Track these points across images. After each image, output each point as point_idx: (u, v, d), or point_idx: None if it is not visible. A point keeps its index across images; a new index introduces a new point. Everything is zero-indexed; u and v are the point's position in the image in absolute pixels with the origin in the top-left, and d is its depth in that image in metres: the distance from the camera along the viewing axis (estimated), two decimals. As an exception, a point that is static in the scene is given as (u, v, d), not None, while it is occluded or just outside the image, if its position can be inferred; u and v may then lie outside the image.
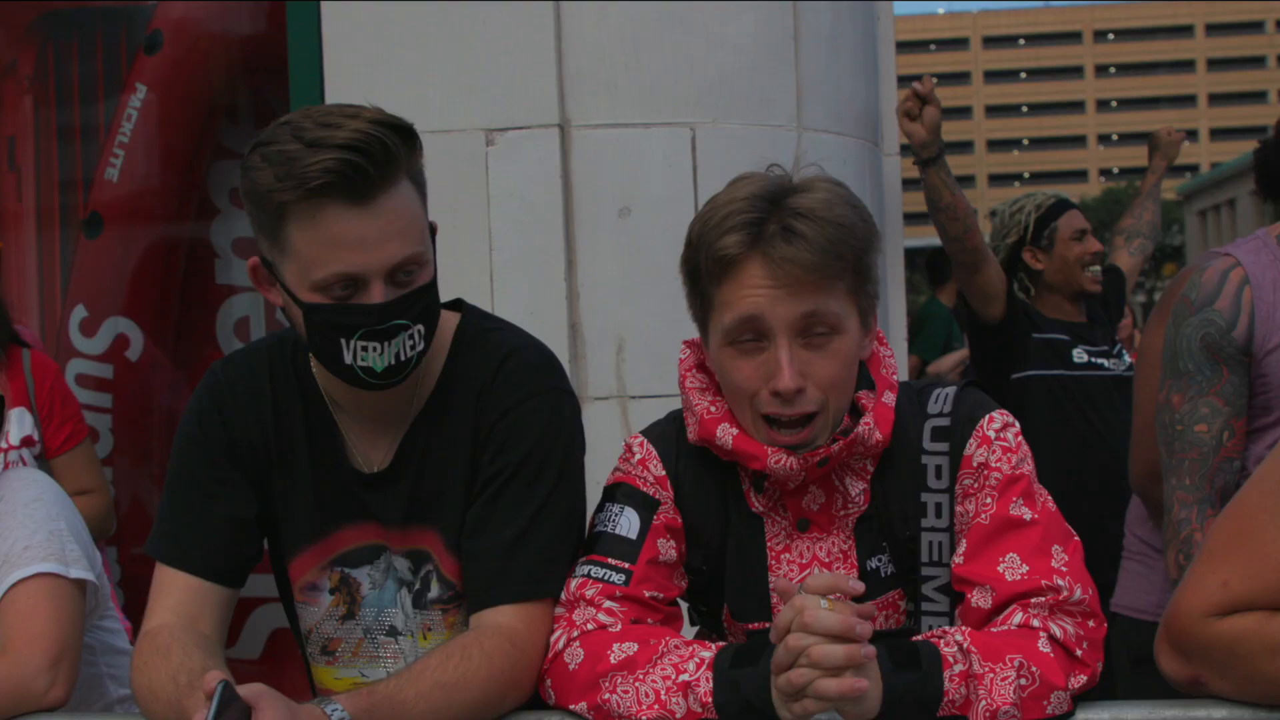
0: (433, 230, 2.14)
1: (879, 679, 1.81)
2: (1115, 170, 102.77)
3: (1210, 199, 64.81)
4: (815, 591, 1.80)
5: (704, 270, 2.04)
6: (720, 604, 2.17)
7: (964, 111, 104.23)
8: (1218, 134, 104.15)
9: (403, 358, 2.07)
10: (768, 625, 2.06)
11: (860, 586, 1.84)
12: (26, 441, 3.49)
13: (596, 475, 2.25)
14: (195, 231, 4.39)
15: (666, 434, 2.20)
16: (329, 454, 2.24)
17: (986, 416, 2.09)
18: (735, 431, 2.07)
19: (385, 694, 1.95)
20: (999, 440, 2.07)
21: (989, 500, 2.04)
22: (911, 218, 5.83)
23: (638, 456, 2.18)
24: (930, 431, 2.10)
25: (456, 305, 2.32)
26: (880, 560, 2.10)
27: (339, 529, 2.24)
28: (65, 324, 4.27)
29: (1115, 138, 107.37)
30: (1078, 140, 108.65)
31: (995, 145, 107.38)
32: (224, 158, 4.34)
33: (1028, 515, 2.02)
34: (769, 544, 2.12)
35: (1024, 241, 4.60)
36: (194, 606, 2.15)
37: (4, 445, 3.45)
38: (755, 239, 1.98)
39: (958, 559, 2.04)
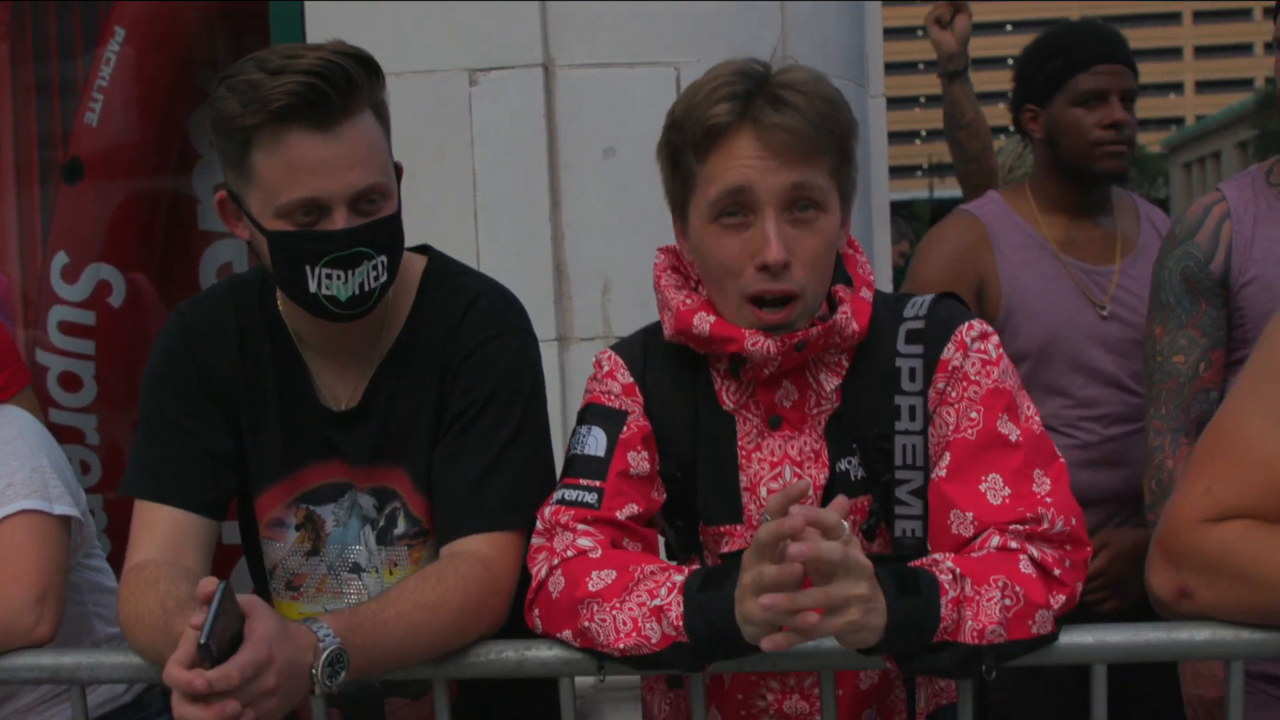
0: (398, 170, 2.18)
1: (884, 606, 1.78)
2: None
3: (1195, 151, 64.84)
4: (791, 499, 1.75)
5: (690, 144, 2.03)
6: (696, 517, 2.15)
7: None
8: (1203, 87, 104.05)
9: (366, 288, 2.10)
10: (740, 540, 2.08)
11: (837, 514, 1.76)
12: None
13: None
14: (177, 178, 4.36)
15: (633, 344, 2.20)
16: (297, 391, 2.26)
17: (965, 324, 2.08)
18: (712, 319, 2.05)
19: (367, 614, 1.98)
20: (976, 350, 2.06)
21: (974, 414, 2.02)
22: (892, 171, 5.78)
23: (605, 369, 2.17)
24: (904, 334, 2.09)
25: (423, 250, 2.34)
26: (850, 463, 2.08)
27: (306, 466, 2.27)
28: (46, 271, 4.23)
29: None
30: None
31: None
32: (205, 103, 4.31)
33: (1013, 435, 2.01)
34: (740, 442, 2.10)
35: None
36: (177, 540, 2.16)
37: None
38: (745, 108, 1.98)
39: (940, 472, 2.02)
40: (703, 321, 2.05)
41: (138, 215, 4.29)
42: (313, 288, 2.08)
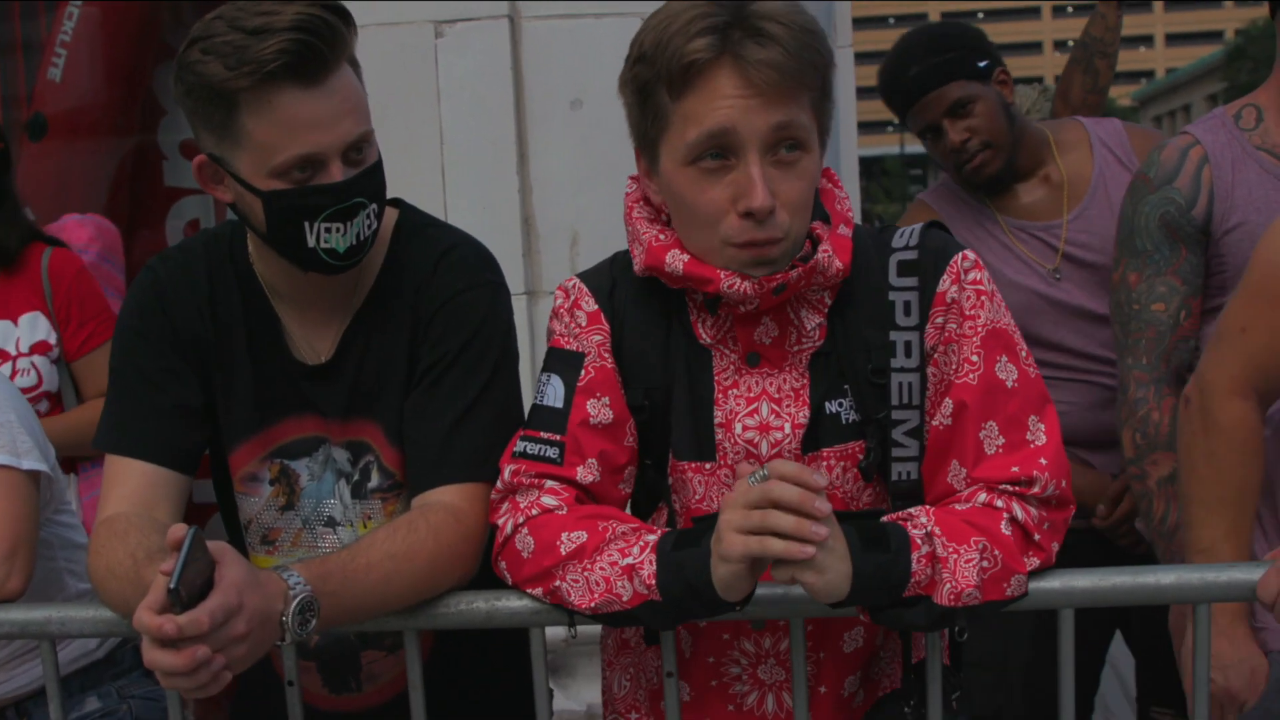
0: None
1: (848, 560, 1.77)
2: (1069, 43, 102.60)
3: (1165, 104, 64.93)
4: (780, 475, 1.75)
5: (663, 81, 1.91)
6: (665, 454, 2.08)
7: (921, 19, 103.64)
8: (1173, 39, 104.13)
9: (362, 237, 2.10)
10: (710, 477, 2.05)
11: (822, 482, 1.76)
12: (39, 348, 3.39)
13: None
14: (142, 133, 4.33)
15: (601, 270, 2.13)
16: (269, 346, 2.25)
17: (959, 254, 2.02)
18: (686, 257, 1.98)
19: (337, 563, 1.98)
20: (970, 281, 2.00)
21: (975, 358, 1.97)
22: (861, 127, 5.77)
23: (572, 298, 2.11)
24: (896, 266, 2.01)
25: (394, 203, 2.33)
26: (841, 405, 2.01)
27: (280, 421, 2.26)
28: (12, 229, 4.19)
29: (1070, 8, 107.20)
30: (1033, 47, 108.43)
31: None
32: (169, 58, 4.26)
33: (1009, 380, 1.97)
34: (717, 377, 2.04)
35: None
36: (149, 494, 2.16)
37: (13, 352, 3.38)
38: (724, 42, 1.86)
39: (943, 420, 1.97)
40: (675, 260, 1.98)
41: (104, 171, 4.26)
42: (311, 242, 2.07)
